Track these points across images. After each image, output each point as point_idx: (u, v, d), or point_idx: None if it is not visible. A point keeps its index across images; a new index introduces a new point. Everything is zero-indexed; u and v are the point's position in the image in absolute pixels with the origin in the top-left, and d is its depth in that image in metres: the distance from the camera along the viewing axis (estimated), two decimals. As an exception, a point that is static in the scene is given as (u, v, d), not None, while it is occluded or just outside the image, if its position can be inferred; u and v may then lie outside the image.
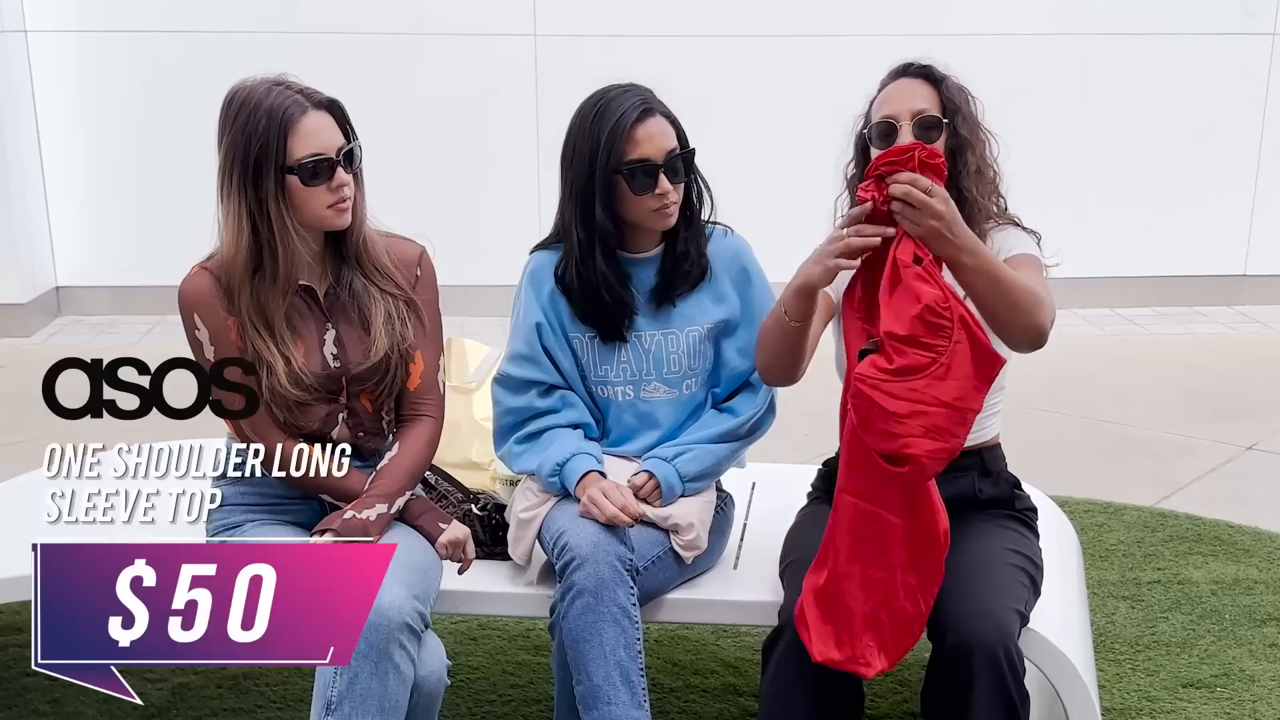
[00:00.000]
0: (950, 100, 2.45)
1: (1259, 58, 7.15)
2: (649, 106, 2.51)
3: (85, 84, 6.92)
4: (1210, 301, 7.37)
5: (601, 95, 2.53)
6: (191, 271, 2.40)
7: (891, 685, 3.13)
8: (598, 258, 2.53)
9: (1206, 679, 3.13)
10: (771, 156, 6.81)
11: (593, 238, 2.53)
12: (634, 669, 2.37)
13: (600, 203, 2.50)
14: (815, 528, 2.50)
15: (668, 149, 2.50)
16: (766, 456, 3.24)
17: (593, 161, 2.49)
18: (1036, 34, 6.94)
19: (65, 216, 7.06)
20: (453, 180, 6.97)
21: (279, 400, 2.36)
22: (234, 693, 3.09)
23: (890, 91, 2.48)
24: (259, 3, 6.82)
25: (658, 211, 2.51)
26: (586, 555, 2.37)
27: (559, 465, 2.53)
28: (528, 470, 2.60)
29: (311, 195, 2.33)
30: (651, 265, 2.61)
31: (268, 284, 2.35)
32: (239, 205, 2.31)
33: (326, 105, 2.37)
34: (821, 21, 6.93)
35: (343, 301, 2.45)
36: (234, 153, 2.31)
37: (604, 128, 2.48)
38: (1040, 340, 2.25)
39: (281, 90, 2.32)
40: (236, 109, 2.32)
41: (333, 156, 2.33)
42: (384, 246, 2.49)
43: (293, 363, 2.36)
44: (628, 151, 2.48)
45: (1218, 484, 4.58)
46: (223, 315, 2.35)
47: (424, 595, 2.29)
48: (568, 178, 2.56)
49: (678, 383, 2.63)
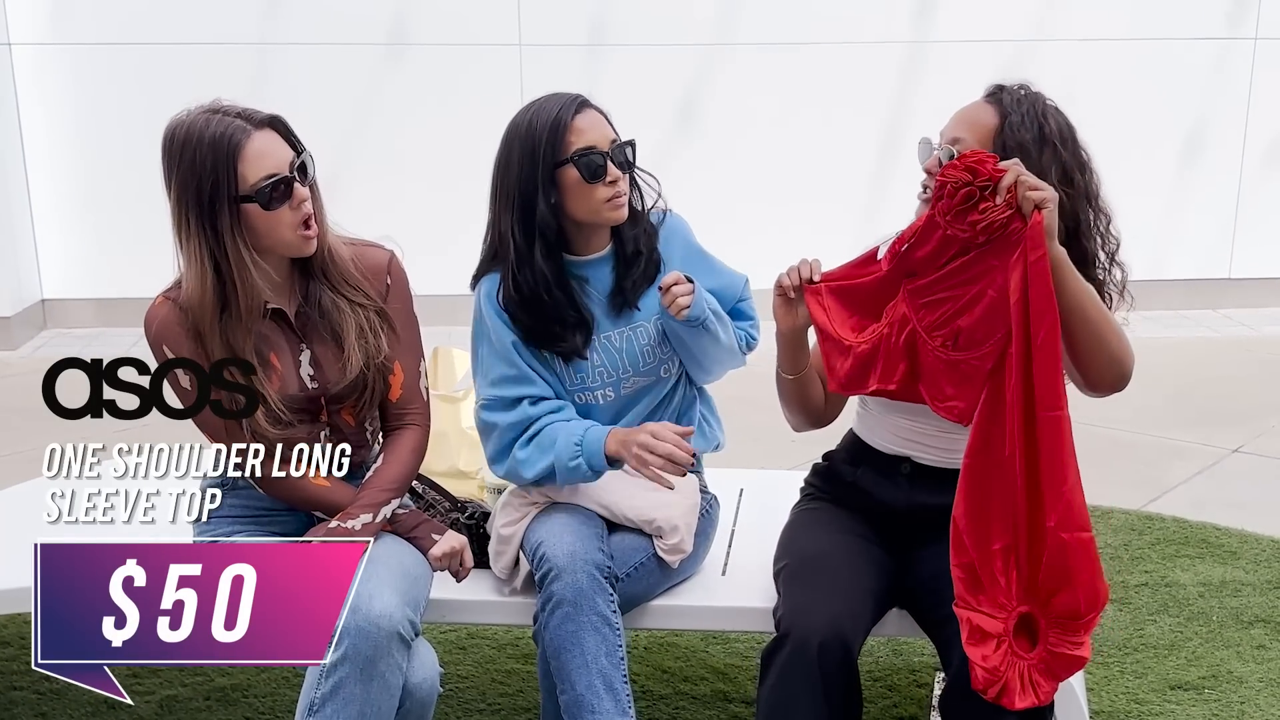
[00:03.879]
0: (1011, 135, 2.32)
1: (1241, 62, 7.19)
2: (584, 101, 2.51)
3: (69, 96, 6.91)
4: (1195, 305, 7.41)
5: (531, 104, 2.51)
6: (156, 301, 2.34)
7: (881, 690, 3.13)
8: (536, 257, 2.46)
9: (1194, 681, 3.14)
10: (756, 165, 6.83)
11: (531, 237, 2.46)
12: (617, 676, 2.36)
13: (543, 199, 2.45)
14: (811, 528, 2.50)
15: (610, 138, 2.49)
16: (753, 463, 3.25)
17: (535, 158, 2.44)
18: (1020, 40, 6.97)
19: (51, 229, 7.05)
20: (436, 190, 6.97)
21: (260, 435, 2.31)
22: (222, 704, 3.08)
23: (961, 110, 2.40)
24: (242, 15, 6.83)
25: (610, 202, 2.47)
26: (563, 565, 2.36)
27: (578, 445, 2.45)
28: (542, 471, 2.48)
29: (275, 220, 2.27)
30: (604, 265, 2.57)
31: (234, 320, 2.30)
32: (199, 245, 2.25)
33: (269, 123, 2.29)
34: (806, 30, 6.95)
35: (314, 320, 2.40)
36: (184, 194, 2.24)
37: (543, 125, 2.45)
38: (1123, 380, 2.27)
39: (220, 118, 2.25)
40: (179, 147, 2.25)
41: (287, 174, 2.27)
42: (351, 256, 2.43)
43: (270, 401, 2.31)
44: (573, 142, 2.45)
45: (1204, 487, 4.59)
46: (189, 345, 2.30)
47: (415, 603, 2.29)
48: (502, 185, 2.50)
49: (654, 370, 2.60)
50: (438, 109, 6.96)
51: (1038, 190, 2.09)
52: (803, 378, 2.45)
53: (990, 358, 2.18)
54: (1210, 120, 7.28)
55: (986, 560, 2.18)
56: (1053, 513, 2.13)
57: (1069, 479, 2.13)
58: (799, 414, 2.52)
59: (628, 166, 2.52)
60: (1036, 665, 2.16)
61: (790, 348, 2.42)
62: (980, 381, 2.21)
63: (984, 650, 2.16)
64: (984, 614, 2.18)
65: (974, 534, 2.19)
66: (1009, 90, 2.39)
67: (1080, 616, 2.16)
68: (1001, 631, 2.17)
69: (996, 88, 2.40)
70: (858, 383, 2.35)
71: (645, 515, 2.53)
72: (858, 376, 2.34)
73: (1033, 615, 2.17)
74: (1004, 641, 2.16)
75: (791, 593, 2.33)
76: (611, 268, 2.57)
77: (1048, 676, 2.16)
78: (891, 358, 2.30)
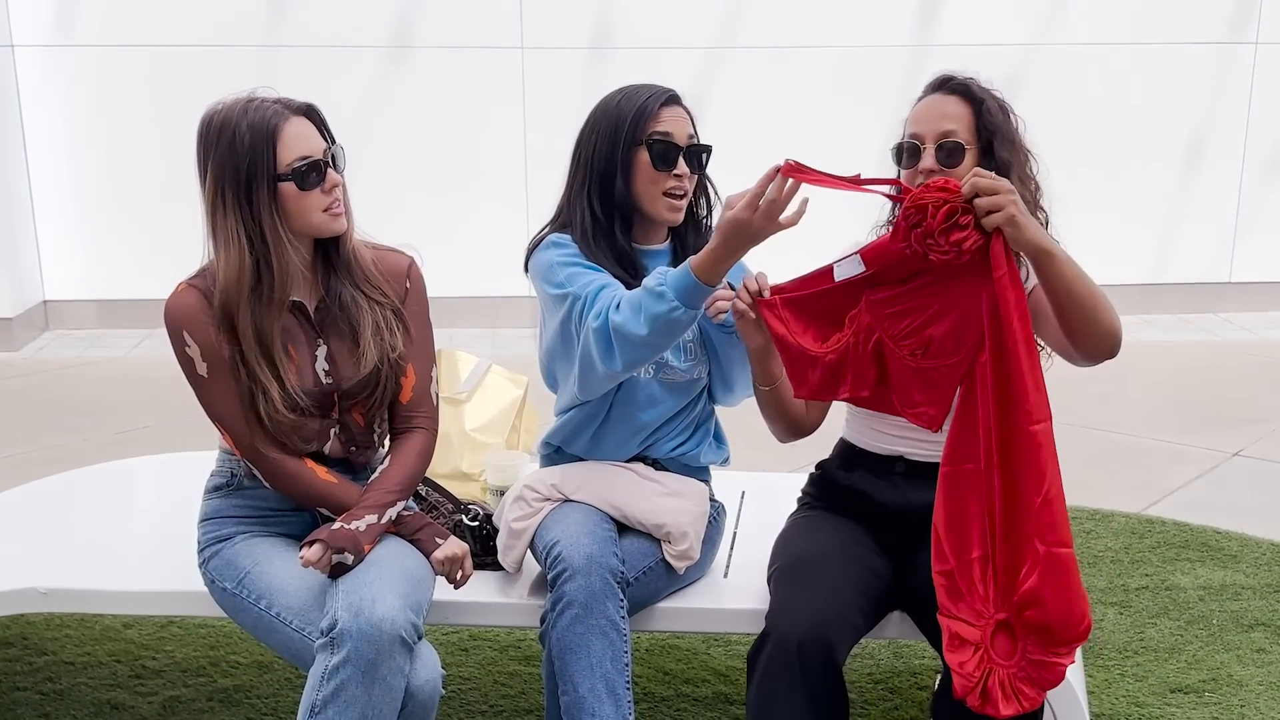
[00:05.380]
0: (989, 123, 2.41)
1: (1242, 67, 7.20)
2: (675, 96, 2.58)
3: (72, 98, 6.93)
4: (1195, 309, 7.42)
5: (627, 87, 2.58)
6: (178, 288, 2.38)
7: (882, 693, 3.14)
8: (617, 233, 2.54)
9: (1194, 684, 3.15)
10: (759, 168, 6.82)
11: (611, 214, 2.53)
12: (620, 682, 2.37)
13: (621, 177, 2.52)
14: (805, 534, 2.51)
15: (688, 134, 2.55)
16: (755, 466, 3.26)
17: (616, 136, 2.51)
18: (1022, 44, 6.99)
19: (53, 231, 7.07)
20: (440, 192, 6.99)
21: (273, 424, 2.36)
22: (225, 705, 3.09)
23: (923, 108, 2.46)
24: (246, 18, 6.84)
25: (669, 196, 2.52)
26: (579, 567, 2.37)
27: (661, 275, 2.32)
28: (640, 313, 2.29)
29: (307, 200, 2.33)
30: (661, 258, 2.61)
31: (264, 302, 2.34)
32: (235, 224, 2.30)
33: (305, 111, 2.37)
34: (809, 33, 6.97)
35: (333, 315, 2.45)
36: (222, 174, 2.30)
37: (630, 106, 2.52)
38: (1116, 348, 2.27)
39: (258, 104, 2.32)
40: (216, 132, 2.31)
41: (321, 158, 2.34)
42: (372, 259, 2.49)
43: (287, 385, 2.36)
44: (652, 126, 2.51)
45: (1204, 490, 4.60)
46: (213, 331, 2.34)
47: (417, 606, 2.29)
48: (584, 158, 2.56)
49: (691, 369, 2.61)
50: (440, 111, 6.97)
51: (993, 214, 2.11)
52: (777, 389, 2.48)
53: (962, 366, 2.21)
54: (1211, 125, 7.29)
55: (965, 568, 2.21)
56: (1028, 521, 2.14)
57: (1047, 489, 2.13)
58: (779, 424, 2.56)
59: (699, 167, 2.57)
60: (1017, 673, 2.16)
61: (760, 361, 2.45)
62: (951, 388, 2.23)
63: (962, 657, 2.18)
64: (963, 621, 2.20)
65: (953, 542, 2.22)
66: (962, 79, 2.45)
67: (1052, 633, 2.14)
68: (979, 640, 2.19)
69: (947, 78, 2.46)
70: (828, 390, 2.37)
71: (656, 519, 2.54)
72: (828, 385, 2.36)
73: (1009, 623, 2.18)
74: (981, 649, 2.18)
75: (778, 594, 2.35)
76: (669, 263, 2.60)
77: (1031, 684, 2.16)
78: (861, 365, 2.32)
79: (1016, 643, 2.18)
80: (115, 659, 3.29)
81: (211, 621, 3.44)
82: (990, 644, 2.18)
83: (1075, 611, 2.14)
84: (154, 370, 6.19)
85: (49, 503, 3.24)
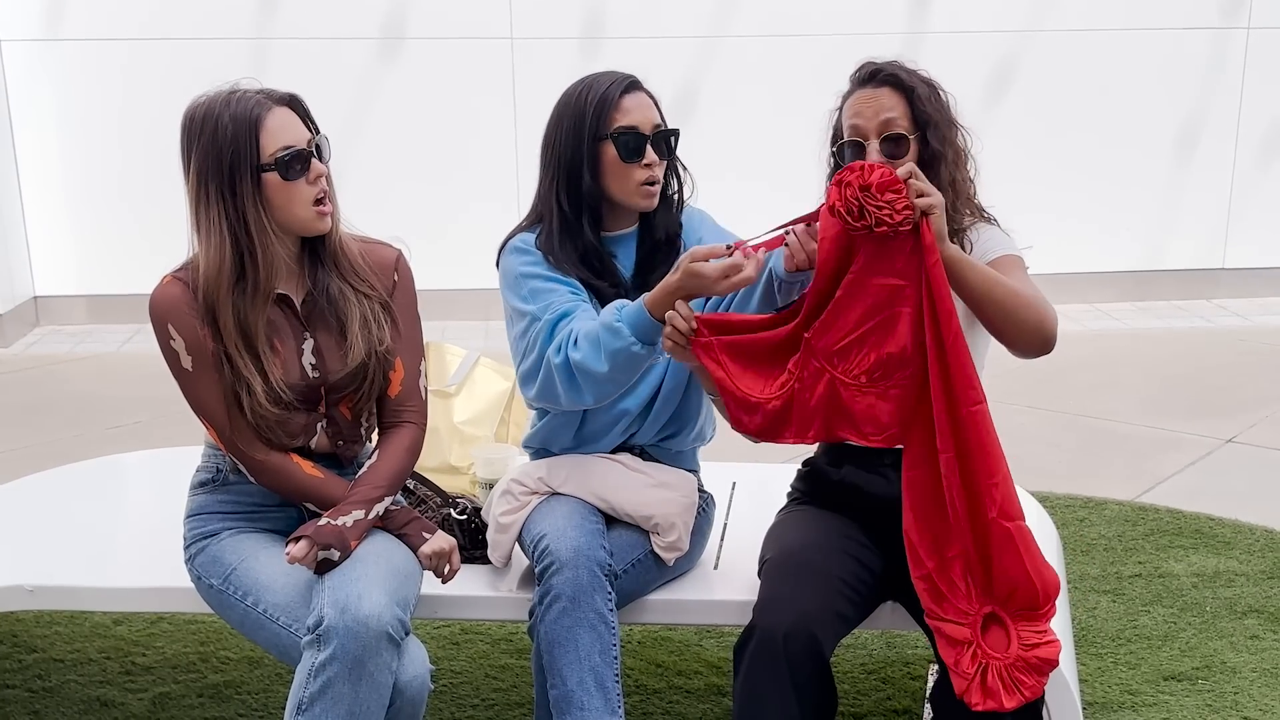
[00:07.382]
0: (921, 111, 2.39)
1: (1235, 52, 7.19)
2: (635, 82, 2.55)
3: (61, 93, 6.90)
4: (1188, 295, 7.41)
5: (587, 77, 2.56)
6: (163, 281, 2.37)
7: (874, 683, 3.13)
8: (585, 228, 2.52)
9: (1188, 671, 3.14)
10: (749, 157, 6.82)
11: (580, 208, 2.52)
12: (609, 675, 2.36)
13: (589, 171, 2.50)
14: (792, 529, 2.50)
15: (654, 122, 2.53)
16: (746, 457, 3.24)
17: (579, 131, 2.49)
18: (1013, 30, 6.97)
19: (43, 226, 7.04)
20: (431, 184, 6.97)
21: (257, 418, 2.35)
22: (215, 701, 3.08)
23: (857, 102, 2.43)
24: (235, 10, 6.81)
25: (641, 186, 2.51)
26: (566, 560, 2.36)
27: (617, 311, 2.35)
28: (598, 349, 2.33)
29: (292, 192, 2.31)
30: (629, 242, 2.60)
31: (248, 295, 2.32)
32: (217, 216, 2.28)
33: (288, 101, 2.36)
34: (797, 22, 6.95)
35: (320, 308, 2.43)
36: (205, 165, 2.28)
37: (592, 98, 2.50)
38: (1048, 345, 2.26)
39: (241, 95, 2.31)
40: (200, 124, 2.29)
41: (305, 148, 2.32)
42: (359, 251, 2.47)
43: (271, 380, 2.34)
44: (616, 119, 2.49)
45: (1198, 477, 4.60)
46: (197, 324, 2.33)
47: (404, 602, 2.28)
48: (551, 154, 2.55)
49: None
50: (430, 102, 6.95)
51: (925, 197, 2.12)
52: None
53: (920, 372, 2.20)
54: (1204, 110, 7.28)
55: (944, 568, 2.22)
56: (992, 504, 2.16)
57: (1001, 469, 2.17)
58: None
59: (667, 153, 2.55)
60: (1015, 663, 2.16)
61: (702, 374, 2.38)
62: (914, 396, 2.22)
63: (956, 656, 2.19)
64: (950, 622, 2.21)
65: (927, 545, 2.23)
66: (889, 70, 2.42)
67: (1038, 606, 2.18)
68: (969, 637, 2.19)
69: (875, 70, 2.43)
70: (770, 435, 2.32)
71: (644, 511, 2.53)
72: (770, 430, 2.31)
73: (998, 614, 2.19)
74: (972, 645, 2.18)
75: (765, 587, 2.34)
76: (636, 246, 2.59)
77: (1029, 672, 2.16)
78: (805, 414, 2.28)
79: (1009, 632, 2.18)
80: (105, 655, 3.28)
81: (201, 617, 3.42)
82: (981, 638, 2.18)
83: (1050, 579, 2.20)
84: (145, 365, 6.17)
85: (40, 498, 3.23)
